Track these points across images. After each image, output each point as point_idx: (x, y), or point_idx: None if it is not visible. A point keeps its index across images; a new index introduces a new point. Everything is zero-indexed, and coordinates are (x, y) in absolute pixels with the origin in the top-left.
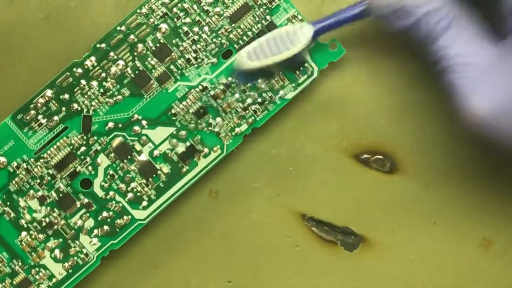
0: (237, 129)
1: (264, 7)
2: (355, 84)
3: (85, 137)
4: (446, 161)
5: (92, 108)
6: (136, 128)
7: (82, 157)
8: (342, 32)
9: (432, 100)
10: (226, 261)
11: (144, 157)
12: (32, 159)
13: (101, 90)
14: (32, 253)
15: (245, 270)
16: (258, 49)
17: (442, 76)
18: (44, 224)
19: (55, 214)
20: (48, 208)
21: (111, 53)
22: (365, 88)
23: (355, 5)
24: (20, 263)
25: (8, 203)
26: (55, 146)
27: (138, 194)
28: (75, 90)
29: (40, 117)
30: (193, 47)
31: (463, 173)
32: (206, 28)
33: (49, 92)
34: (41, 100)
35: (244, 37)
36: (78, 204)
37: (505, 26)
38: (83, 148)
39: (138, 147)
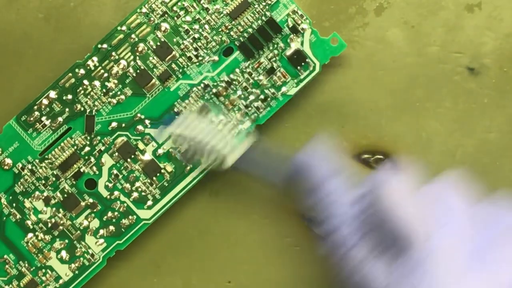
0: (240, 126)
1: (264, 3)
2: (355, 84)
3: (88, 138)
4: (445, 161)
5: (95, 108)
6: (139, 127)
7: (86, 157)
8: (342, 32)
9: (432, 99)
10: (226, 261)
11: (147, 156)
12: (36, 160)
13: (104, 90)
14: (39, 255)
15: (245, 270)
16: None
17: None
18: (49, 225)
19: (60, 215)
20: (54, 209)
21: (113, 53)
22: (365, 88)
23: None
24: (26, 265)
25: (14, 204)
26: (59, 147)
27: (143, 193)
28: (78, 90)
29: (44, 118)
30: (194, 45)
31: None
32: (206, 26)
33: (52, 93)
34: (45, 101)
35: (245, 34)
36: (83, 204)
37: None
38: (87, 148)
39: (141, 146)
